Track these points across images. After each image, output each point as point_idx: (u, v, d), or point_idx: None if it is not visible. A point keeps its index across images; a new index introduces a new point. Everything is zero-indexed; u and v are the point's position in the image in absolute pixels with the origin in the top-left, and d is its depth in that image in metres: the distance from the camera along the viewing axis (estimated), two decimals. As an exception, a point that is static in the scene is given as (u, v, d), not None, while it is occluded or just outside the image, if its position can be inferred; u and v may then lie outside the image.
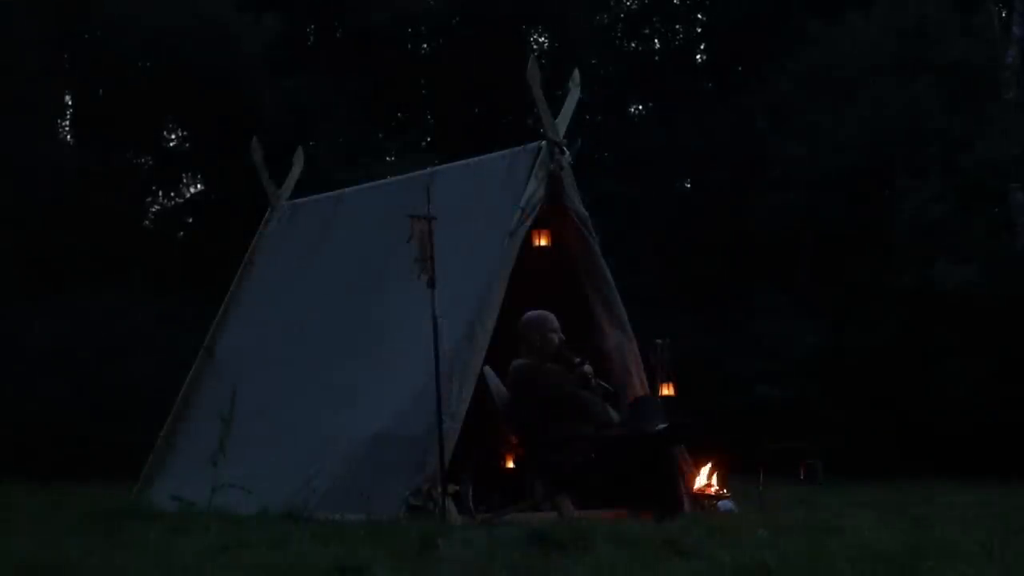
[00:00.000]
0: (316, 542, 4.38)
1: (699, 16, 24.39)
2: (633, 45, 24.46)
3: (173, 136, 21.19)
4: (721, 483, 7.65)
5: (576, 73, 7.82)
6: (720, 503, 7.40)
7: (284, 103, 17.86)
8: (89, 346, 14.48)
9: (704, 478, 7.57)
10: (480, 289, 6.91)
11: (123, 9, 16.40)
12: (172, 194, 20.90)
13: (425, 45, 23.57)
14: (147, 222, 20.49)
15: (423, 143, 20.89)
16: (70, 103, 19.93)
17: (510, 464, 8.19)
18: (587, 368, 6.29)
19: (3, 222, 15.79)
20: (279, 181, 9.35)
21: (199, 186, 21.10)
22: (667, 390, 8.00)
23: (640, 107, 24.56)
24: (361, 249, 8.12)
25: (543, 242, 7.78)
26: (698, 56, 24.68)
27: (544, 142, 7.33)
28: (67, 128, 20.12)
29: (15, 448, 12.99)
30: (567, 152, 7.37)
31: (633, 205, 20.09)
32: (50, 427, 13.69)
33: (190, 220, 21.16)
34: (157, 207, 20.90)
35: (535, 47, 23.08)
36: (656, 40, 24.67)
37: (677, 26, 24.54)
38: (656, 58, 24.28)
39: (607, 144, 22.06)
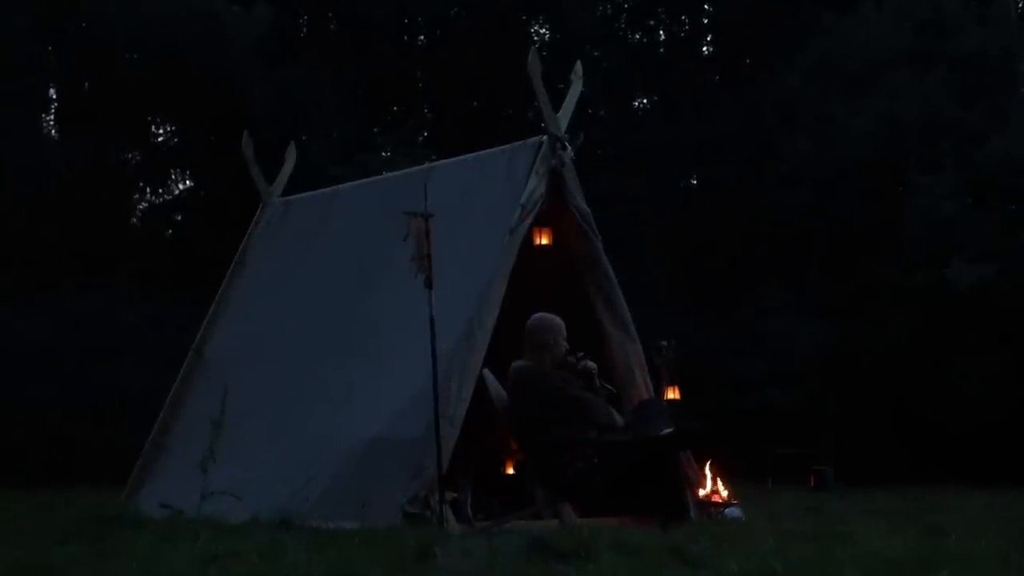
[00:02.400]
0: (310, 550, 4.30)
1: (705, 7, 24.33)
2: (637, 37, 24.37)
3: (162, 131, 21.09)
4: (728, 490, 7.46)
5: (578, 66, 7.70)
6: (727, 510, 7.27)
7: (276, 97, 17.72)
8: (76, 347, 14.38)
9: (711, 484, 7.40)
10: (480, 288, 6.82)
11: (111, 1, 16.17)
12: (160, 191, 20.83)
13: (422, 37, 23.48)
14: (135, 220, 20.37)
15: (420, 138, 20.82)
16: (55, 97, 19.79)
17: (510, 470, 8.14)
18: (590, 364, 6.27)
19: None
20: (271, 177, 9.23)
21: (188, 182, 21.01)
22: (672, 393, 7.96)
23: (644, 101, 24.51)
24: (357, 247, 8.05)
25: (544, 240, 7.73)
26: (704, 48, 24.63)
27: (545, 137, 7.23)
28: (52, 123, 19.96)
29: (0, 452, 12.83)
30: (569, 147, 7.20)
31: (637, 202, 19.98)
32: (36, 430, 13.60)
33: (179, 217, 21.03)
34: (145, 204, 20.81)
35: (536, 39, 23.01)
36: (661, 31, 24.64)
37: (682, 17, 24.44)
38: (660, 50, 24.21)
39: (610, 139, 21.86)
